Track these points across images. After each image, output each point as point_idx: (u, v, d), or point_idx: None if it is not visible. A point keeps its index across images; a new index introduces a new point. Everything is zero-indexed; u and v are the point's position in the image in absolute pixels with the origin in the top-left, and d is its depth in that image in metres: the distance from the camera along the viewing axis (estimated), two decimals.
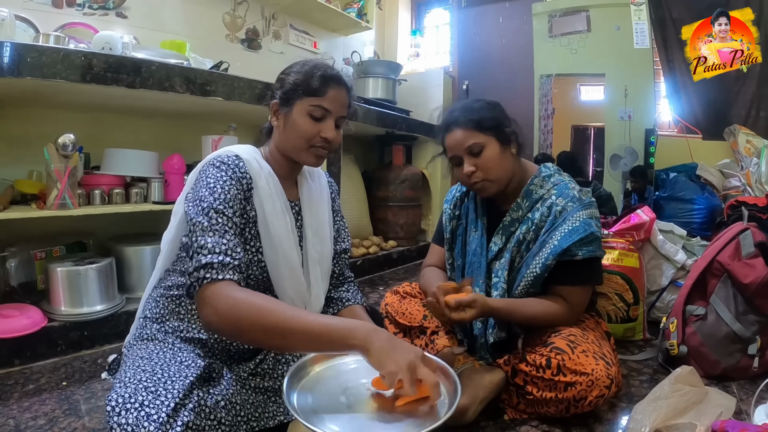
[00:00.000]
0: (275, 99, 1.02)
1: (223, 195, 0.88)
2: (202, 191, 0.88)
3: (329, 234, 1.12)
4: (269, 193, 0.97)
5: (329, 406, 0.77)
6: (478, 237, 1.23)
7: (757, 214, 1.55)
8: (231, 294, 0.78)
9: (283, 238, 0.98)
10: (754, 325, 1.26)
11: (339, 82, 0.99)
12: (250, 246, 0.96)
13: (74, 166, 1.46)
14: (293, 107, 0.98)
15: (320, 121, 0.98)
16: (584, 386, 0.95)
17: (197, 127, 2.11)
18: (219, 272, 0.79)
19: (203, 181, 0.90)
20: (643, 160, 2.68)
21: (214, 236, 0.83)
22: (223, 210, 0.86)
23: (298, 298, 1.02)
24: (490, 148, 1.13)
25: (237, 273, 0.81)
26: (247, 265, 0.95)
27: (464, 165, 1.14)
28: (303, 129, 0.97)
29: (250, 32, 2.78)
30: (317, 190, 1.12)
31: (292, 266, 1.00)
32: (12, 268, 1.59)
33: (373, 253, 2.66)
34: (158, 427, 0.72)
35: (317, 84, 0.96)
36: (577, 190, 1.15)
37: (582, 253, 1.07)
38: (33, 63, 1.26)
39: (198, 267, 0.80)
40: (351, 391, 0.81)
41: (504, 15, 3.32)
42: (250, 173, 0.95)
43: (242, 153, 0.97)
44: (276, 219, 0.97)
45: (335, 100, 0.98)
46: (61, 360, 1.39)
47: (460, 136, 1.13)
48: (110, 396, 0.76)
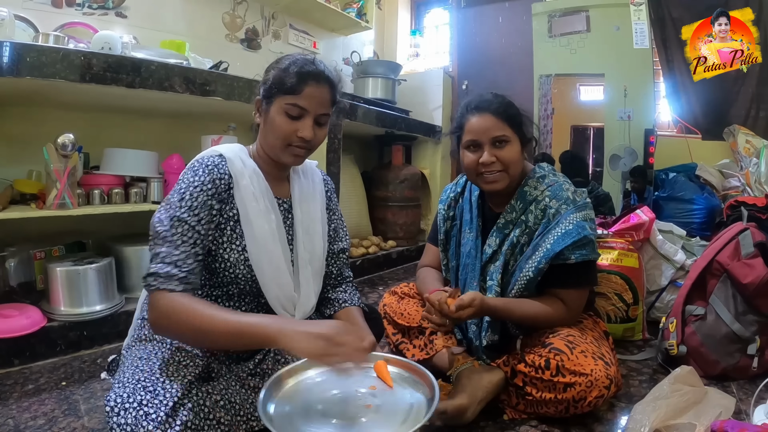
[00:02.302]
0: (259, 95, 1.00)
1: (190, 202, 0.88)
2: (173, 196, 0.89)
3: (321, 233, 1.10)
4: (252, 192, 0.95)
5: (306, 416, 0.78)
6: (472, 239, 1.22)
7: (757, 214, 1.56)
8: (169, 301, 0.82)
9: (266, 237, 0.96)
10: (753, 325, 1.26)
11: (317, 79, 0.95)
12: (236, 245, 0.95)
13: (74, 165, 1.46)
14: (272, 105, 0.95)
15: (297, 120, 0.95)
16: (583, 387, 0.95)
17: (197, 126, 2.11)
18: (163, 282, 0.83)
19: (178, 185, 0.91)
20: (643, 160, 2.68)
21: (170, 246, 0.85)
22: (186, 218, 0.87)
23: (285, 298, 1.00)
24: (514, 145, 1.12)
25: (182, 284, 0.84)
26: (234, 264, 0.94)
27: (484, 153, 1.11)
28: (279, 128, 0.94)
29: (249, 32, 2.78)
30: (309, 188, 1.10)
31: (276, 265, 0.98)
32: (11, 267, 1.59)
33: (373, 253, 2.66)
34: (157, 426, 0.72)
35: (293, 81, 0.93)
36: (572, 191, 1.13)
37: (575, 256, 1.06)
38: (32, 63, 1.26)
39: (147, 274, 0.84)
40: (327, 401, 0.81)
41: (504, 15, 3.32)
42: (232, 172, 0.94)
43: (226, 152, 0.96)
44: (259, 217, 0.95)
45: (312, 98, 0.94)
46: (61, 360, 1.39)
47: (490, 122, 1.10)
48: (109, 396, 0.76)
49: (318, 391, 0.83)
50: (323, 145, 2.18)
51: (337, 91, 1.01)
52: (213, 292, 0.99)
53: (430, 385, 0.81)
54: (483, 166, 1.11)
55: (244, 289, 0.99)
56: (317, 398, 0.81)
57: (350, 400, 0.81)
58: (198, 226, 0.88)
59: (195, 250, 0.88)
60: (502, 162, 1.10)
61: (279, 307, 1.00)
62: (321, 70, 0.97)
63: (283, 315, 1.01)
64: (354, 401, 0.81)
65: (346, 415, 0.78)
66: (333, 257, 1.14)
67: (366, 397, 0.82)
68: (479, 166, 1.12)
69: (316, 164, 1.18)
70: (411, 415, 0.77)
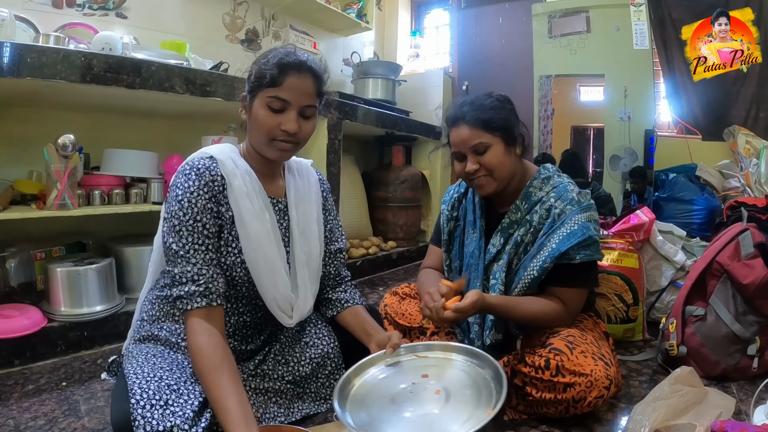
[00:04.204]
0: (244, 92, 0.98)
1: (192, 209, 0.87)
2: (173, 205, 0.88)
3: (317, 233, 1.09)
4: (245, 192, 0.94)
5: (383, 416, 0.86)
6: (476, 239, 1.22)
7: (757, 214, 1.56)
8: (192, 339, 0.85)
9: (261, 237, 0.95)
10: (753, 325, 1.26)
11: (299, 69, 0.92)
12: (232, 248, 0.94)
13: (74, 166, 1.46)
14: (255, 100, 0.93)
15: (280, 113, 0.92)
16: (583, 387, 0.95)
17: (197, 127, 2.11)
18: (188, 303, 0.86)
19: (173, 192, 0.89)
20: (643, 161, 2.68)
21: (182, 262, 0.86)
22: (194, 225, 0.87)
23: (282, 299, 0.99)
24: (496, 148, 1.11)
25: (204, 297, 0.87)
26: (231, 267, 0.94)
27: (467, 162, 1.13)
28: (262, 123, 0.92)
29: (249, 33, 2.78)
30: (305, 188, 1.09)
31: (272, 266, 0.97)
32: (12, 268, 1.59)
33: (373, 254, 2.66)
34: (185, 421, 0.77)
35: (273, 73, 0.90)
36: (577, 192, 1.14)
37: (580, 256, 1.07)
38: (33, 63, 1.26)
39: (173, 299, 0.87)
40: (398, 397, 0.90)
41: (504, 16, 3.32)
42: (224, 173, 0.92)
43: (216, 153, 0.94)
44: (253, 217, 0.94)
45: (294, 90, 0.91)
46: (61, 360, 1.39)
47: (467, 134, 1.11)
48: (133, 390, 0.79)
49: (385, 388, 0.92)
50: (323, 145, 2.19)
51: (322, 81, 0.97)
52: None
53: (492, 365, 0.92)
54: (469, 175, 1.14)
55: (241, 292, 0.98)
56: (387, 394, 0.91)
57: (418, 391, 0.91)
58: (205, 229, 0.88)
59: (209, 256, 0.88)
60: (485, 168, 1.12)
61: (276, 308, 0.99)
62: (302, 60, 0.93)
63: (281, 317, 1.00)
64: (422, 392, 0.91)
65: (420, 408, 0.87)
66: (330, 257, 1.14)
67: (430, 384, 0.93)
68: (467, 175, 1.14)
69: (311, 164, 1.17)
70: (482, 398, 0.87)
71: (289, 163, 1.10)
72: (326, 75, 0.99)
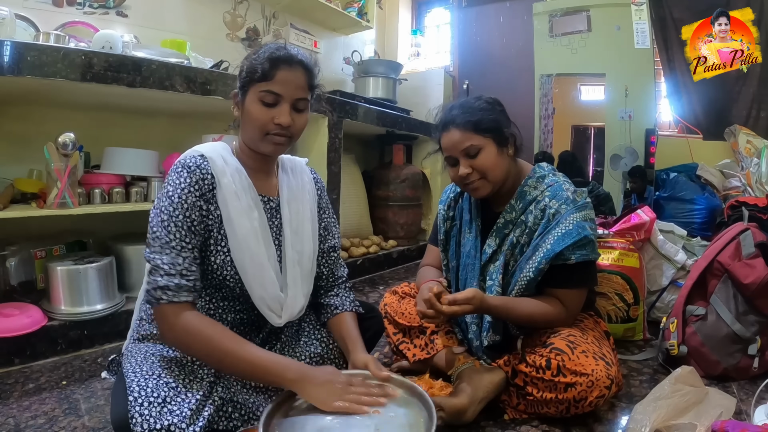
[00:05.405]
0: (236, 89, 0.98)
1: (182, 204, 0.87)
2: (163, 201, 0.88)
3: (311, 232, 1.07)
4: (234, 190, 0.93)
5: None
6: (472, 239, 1.22)
7: (758, 214, 1.55)
8: (185, 321, 0.84)
9: (248, 235, 0.94)
10: (754, 325, 1.26)
11: (290, 63, 0.92)
12: (221, 247, 0.93)
13: (74, 165, 1.46)
14: (247, 95, 0.93)
15: (273, 107, 0.92)
16: (584, 387, 0.95)
17: (197, 126, 2.11)
18: (175, 295, 0.84)
19: (164, 189, 0.90)
20: (644, 160, 2.68)
21: (171, 254, 0.85)
22: (183, 221, 0.87)
23: (270, 298, 0.97)
24: (487, 150, 1.11)
25: (191, 293, 0.86)
26: (221, 267, 0.93)
27: (460, 166, 1.12)
28: (255, 117, 0.91)
29: (250, 31, 2.78)
30: (298, 187, 1.08)
31: (259, 264, 0.95)
32: (12, 267, 1.59)
33: (373, 253, 2.66)
34: (182, 420, 0.77)
35: (265, 68, 0.90)
36: (572, 191, 1.12)
37: (575, 256, 1.06)
38: (33, 62, 1.26)
39: (155, 287, 0.84)
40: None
41: (504, 15, 3.32)
42: (213, 172, 0.92)
43: (207, 151, 0.94)
44: (240, 216, 0.93)
45: (286, 83, 0.91)
46: (61, 359, 1.39)
47: (457, 137, 1.11)
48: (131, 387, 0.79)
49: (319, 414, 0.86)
50: (324, 144, 2.18)
51: (313, 75, 0.97)
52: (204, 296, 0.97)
53: (428, 406, 0.87)
54: (463, 178, 1.13)
55: (234, 292, 0.97)
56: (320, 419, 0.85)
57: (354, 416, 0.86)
58: (193, 227, 0.88)
59: (195, 254, 0.88)
60: (478, 170, 1.11)
61: (265, 307, 0.97)
62: (293, 53, 0.93)
63: (270, 316, 0.99)
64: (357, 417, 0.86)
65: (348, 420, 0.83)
66: (323, 256, 1.12)
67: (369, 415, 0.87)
68: (460, 179, 1.14)
69: (305, 162, 1.16)
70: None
71: (283, 161, 1.09)
72: (317, 68, 0.99)
